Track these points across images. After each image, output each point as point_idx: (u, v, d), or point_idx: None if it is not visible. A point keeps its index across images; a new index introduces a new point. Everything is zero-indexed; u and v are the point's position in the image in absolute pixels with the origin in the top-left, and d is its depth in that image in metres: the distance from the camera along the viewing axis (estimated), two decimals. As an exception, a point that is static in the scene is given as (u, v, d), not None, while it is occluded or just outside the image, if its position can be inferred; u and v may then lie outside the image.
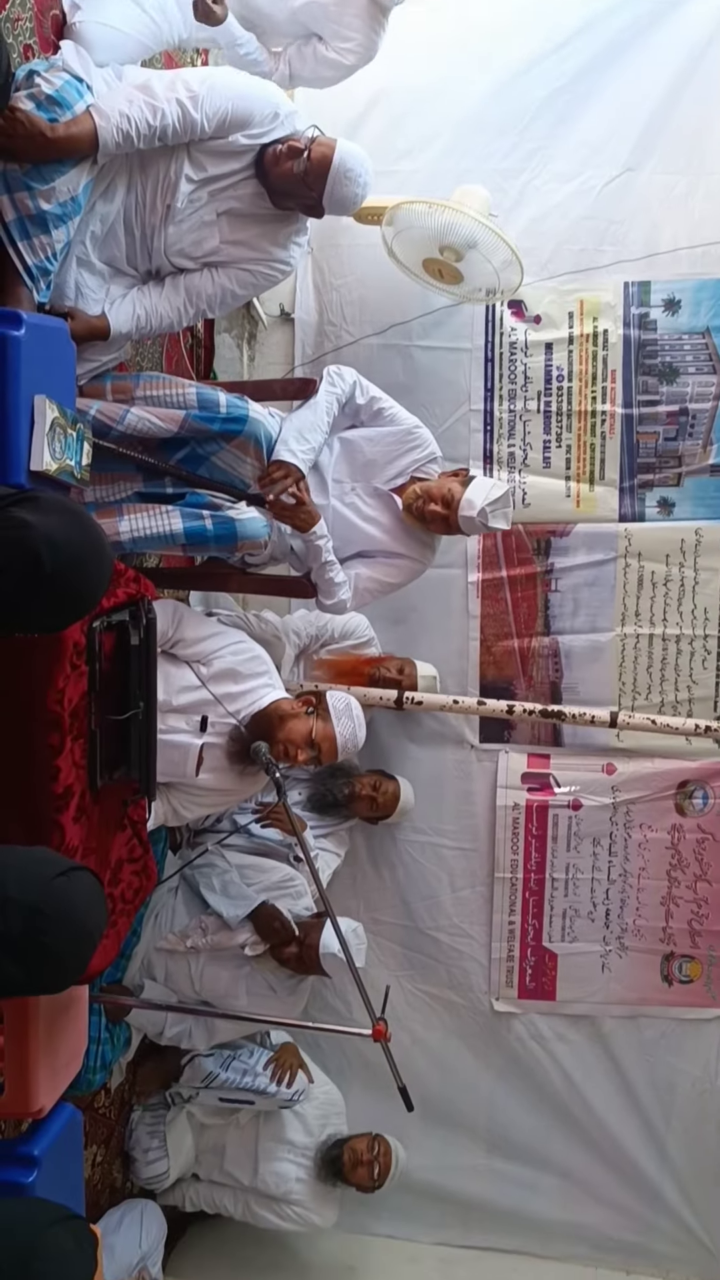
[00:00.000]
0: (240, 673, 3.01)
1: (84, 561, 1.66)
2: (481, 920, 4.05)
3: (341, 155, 2.82)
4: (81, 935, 1.61)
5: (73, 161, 2.51)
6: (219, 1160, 3.69)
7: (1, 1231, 1.60)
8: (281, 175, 2.81)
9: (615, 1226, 4.04)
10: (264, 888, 3.45)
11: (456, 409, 3.92)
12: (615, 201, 3.79)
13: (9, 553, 1.58)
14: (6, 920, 1.52)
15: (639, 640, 3.90)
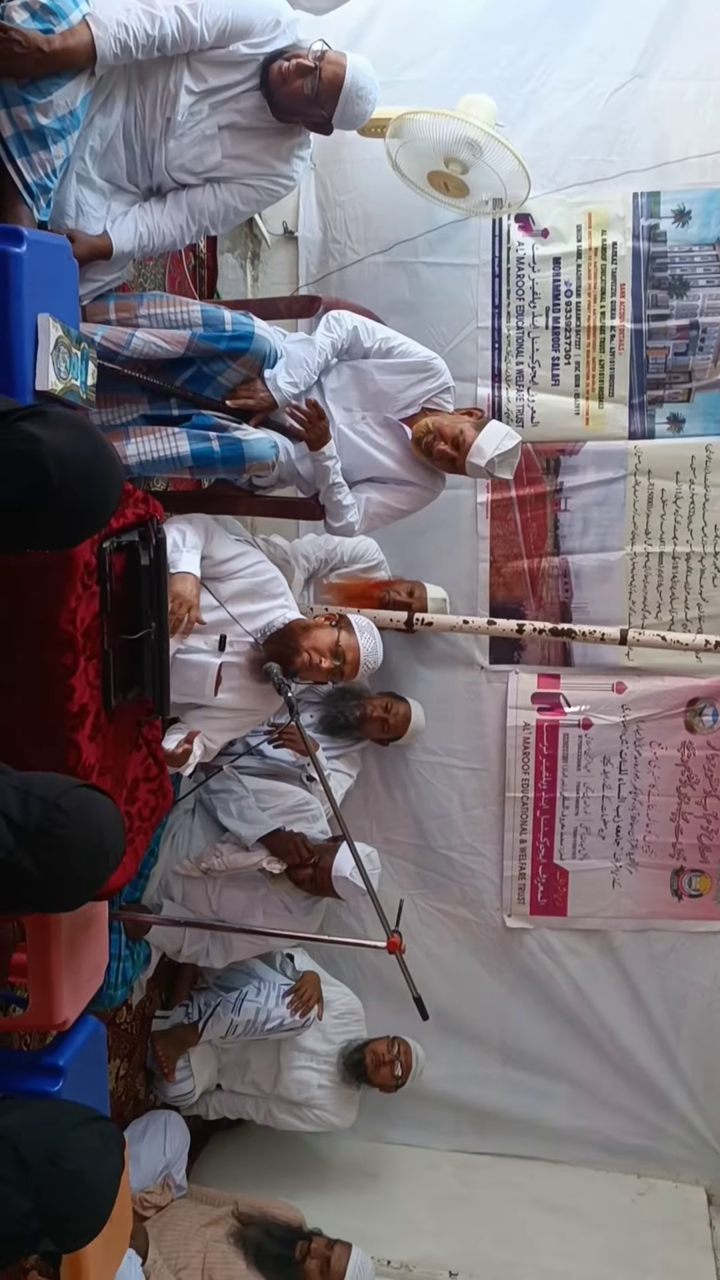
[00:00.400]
0: (259, 593, 3.03)
1: (93, 475, 1.65)
2: (493, 839, 4.10)
3: (353, 73, 2.76)
4: (96, 842, 1.64)
5: (70, 74, 2.46)
6: (241, 1072, 3.79)
7: (31, 1131, 1.65)
8: (291, 94, 2.75)
9: (626, 1132, 4.14)
10: (279, 812, 3.48)
11: (464, 327, 3.86)
12: (623, 109, 3.69)
13: (17, 467, 1.57)
14: (27, 811, 1.55)
15: (649, 559, 3.88)
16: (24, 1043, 2.83)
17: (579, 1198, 4.03)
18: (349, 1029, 3.84)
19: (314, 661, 2.97)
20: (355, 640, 3.06)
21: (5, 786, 1.57)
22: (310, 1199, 3.69)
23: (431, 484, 3.28)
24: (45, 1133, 1.67)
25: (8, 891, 1.57)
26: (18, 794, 1.56)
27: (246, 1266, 3.23)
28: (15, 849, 1.52)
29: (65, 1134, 1.68)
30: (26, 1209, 1.59)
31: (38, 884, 1.55)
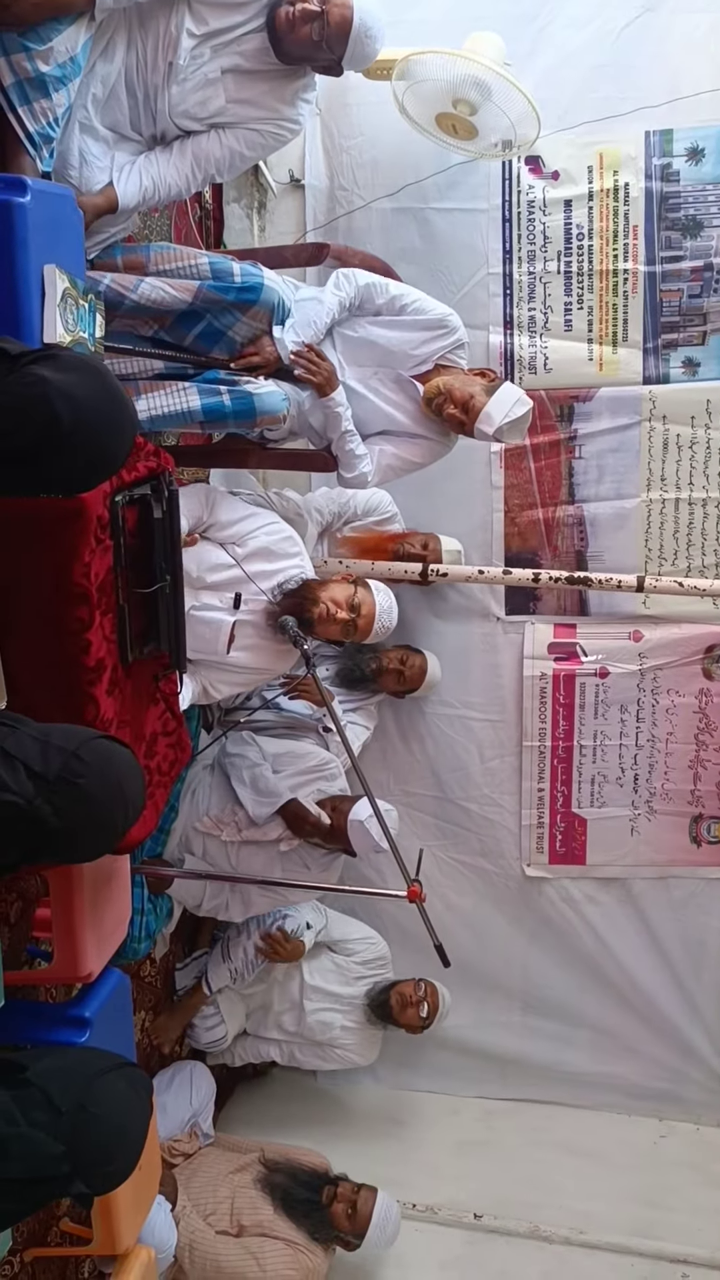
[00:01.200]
0: (274, 552, 3.03)
1: (104, 417, 1.64)
2: (511, 789, 4.11)
3: (361, 15, 2.71)
4: (116, 792, 1.64)
5: (70, 19, 2.42)
6: (265, 1016, 3.84)
7: (60, 1077, 1.67)
8: (298, 41, 2.70)
9: (647, 1076, 4.18)
10: (298, 772, 3.50)
11: (474, 273, 3.81)
12: (634, 45, 3.60)
13: (27, 409, 1.56)
14: (46, 760, 1.55)
15: (665, 505, 3.85)
16: (50, 995, 2.87)
17: (601, 1141, 4.08)
18: (374, 973, 3.87)
19: (330, 613, 2.97)
20: (371, 598, 3.06)
21: (25, 737, 1.57)
22: (336, 1146, 3.74)
23: (444, 437, 3.26)
24: (75, 1078, 1.69)
25: (28, 841, 1.57)
26: (37, 744, 1.57)
27: (274, 1211, 3.30)
28: (35, 798, 1.53)
29: (94, 1079, 1.70)
30: (58, 1152, 1.61)
31: (57, 833, 1.56)
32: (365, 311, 3.15)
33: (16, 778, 1.52)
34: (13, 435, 1.56)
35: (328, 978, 3.82)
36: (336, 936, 3.89)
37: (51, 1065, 1.71)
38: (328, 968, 3.85)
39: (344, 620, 3.00)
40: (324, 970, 3.85)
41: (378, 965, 3.90)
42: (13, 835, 1.55)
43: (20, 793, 1.52)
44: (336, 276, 3.11)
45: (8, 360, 1.59)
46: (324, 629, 3.02)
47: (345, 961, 3.85)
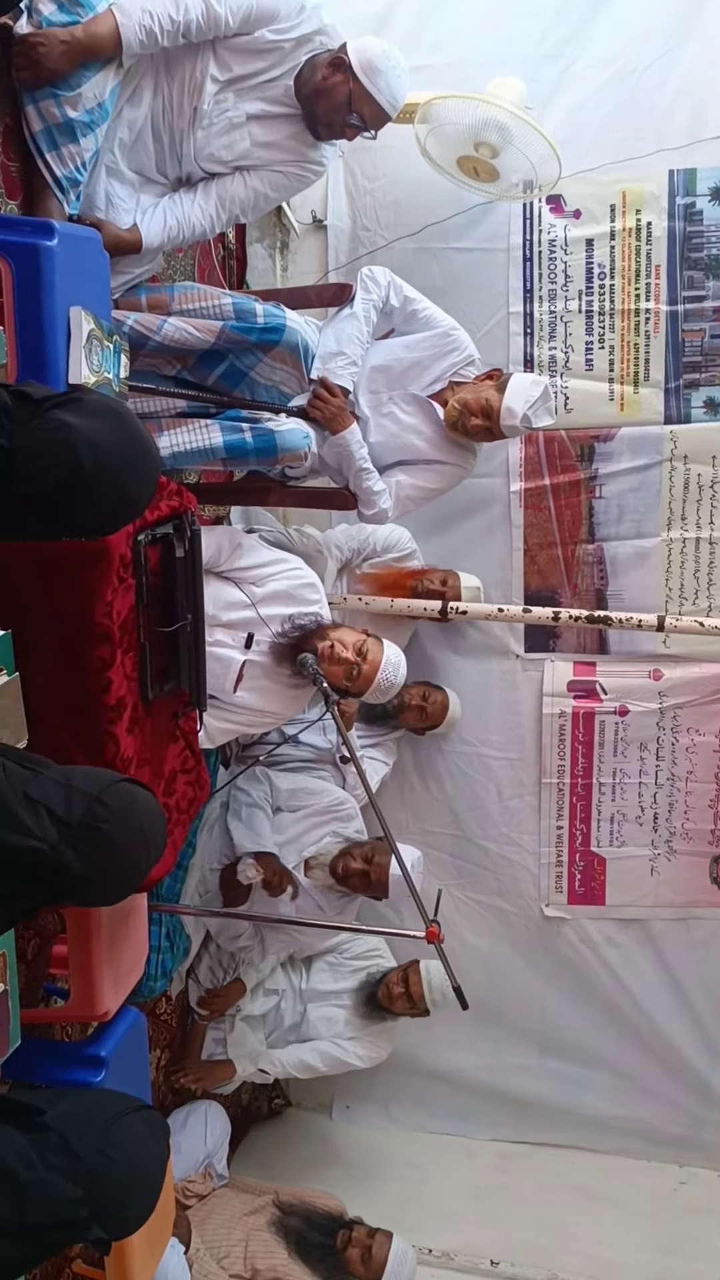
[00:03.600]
0: (293, 596, 3.00)
1: (127, 464, 1.65)
2: (530, 828, 4.08)
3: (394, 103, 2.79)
4: (139, 837, 1.64)
5: (98, 65, 2.47)
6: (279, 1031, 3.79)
7: (78, 1121, 1.66)
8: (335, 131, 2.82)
9: (667, 1121, 4.12)
10: (313, 812, 3.49)
11: (495, 312, 3.83)
12: (657, 85, 3.63)
13: (51, 455, 1.57)
14: (70, 804, 1.55)
15: (685, 544, 3.84)
16: (66, 1033, 2.85)
17: (620, 1186, 4.02)
18: (368, 964, 3.80)
19: (336, 651, 2.93)
20: (380, 650, 2.99)
21: (48, 781, 1.57)
22: (351, 1188, 3.70)
23: (463, 460, 3.27)
24: (93, 1122, 1.68)
25: (50, 885, 1.57)
26: (60, 788, 1.57)
27: (288, 1255, 3.25)
28: (58, 843, 1.52)
29: (112, 1123, 1.69)
30: (77, 1197, 1.60)
31: (80, 878, 1.56)
32: (383, 315, 3.17)
33: (40, 823, 1.52)
34: (37, 480, 1.57)
35: (323, 978, 3.79)
36: (322, 948, 3.84)
37: (69, 1108, 1.69)
38: (322, 969, 3.81)
39: (347, 661, 2.92)
40: (319, 972, 3.81)
41: (370, 955, 3.84)
42: (36, 880, 1.55)
43: (44, 838, 1.52)
44: (362, 278, 3.13)
45: (32, 405, 1.60)
46: (327, 667, 2.93)
47: (337, 959, 3.82)
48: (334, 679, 2.95)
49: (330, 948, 3.82)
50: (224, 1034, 3.70)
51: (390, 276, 3.14)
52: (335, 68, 2.70)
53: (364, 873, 3.36)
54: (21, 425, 1.58)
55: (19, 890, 1.56)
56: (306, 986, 3.78)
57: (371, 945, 3.84)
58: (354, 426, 3.06)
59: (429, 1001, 3.57)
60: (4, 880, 1.53)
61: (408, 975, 3.62)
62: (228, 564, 3.00)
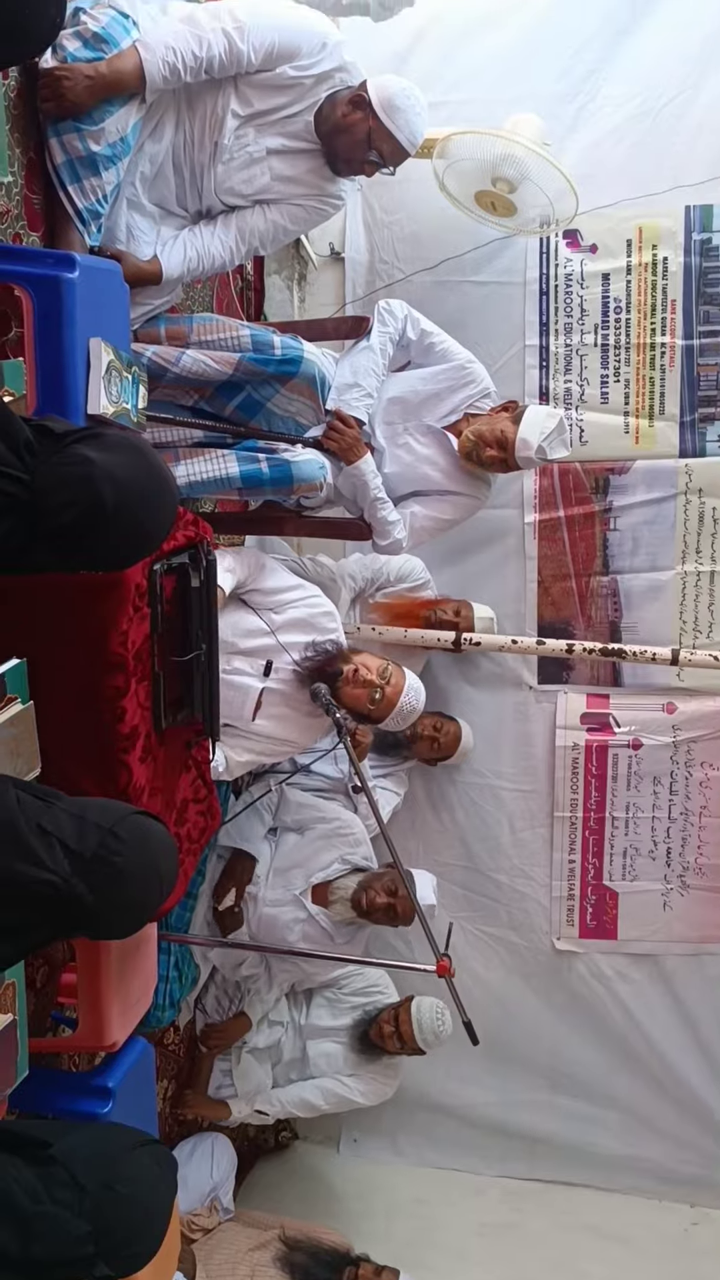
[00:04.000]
0: (311, 625, 3.03)
1: (147, 498, 1.66)
2: (542, 861, 4.06)
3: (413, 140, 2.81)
4: (151, 870, 1.63)
5: (121, 100, 2.49)
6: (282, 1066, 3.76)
7: (86, 1155, 1.64)
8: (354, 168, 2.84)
9: (679, 1161, 4.07)
10: (321, 835, 3.48)
11: (511, 345, 3.85)
12: (674, 123, 3.66)
13: (71, 489, 1.58)
14: (83, 837, 1.55)
15: (700, 578, 3.84)
16: (73, 1063, 2.84)
17: (631, 1226, 3.97)
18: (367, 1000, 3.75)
19: (360, 675, 2.94)
20: (403, 676, 3.01)
21: (61, 812, 1.57)
22: (357, 1223, 3.67)
23: (477, 491, 3.28)
24: (100, 1156, 1.66)
25: (62, 918, 1.56)
26: (73, 820, 1.56)
27: (294, 1292, 3.21)
28: (71, 876, 1.52)
29: (120, 1157, 1.67)
30: (83, 1233, 1.58)
31: (92, 911, 1.55)
32: (400, 348, 3.19)
33: (53, 855, 1.51)
34: (58, 514, 1.58)
35: (321, 1014, 3.75)
36: (321, 982, 3.81)
37: (76, 1142, 1.68)
38: (320, 1004, 3.76)
39: (371, 683, 2.94)
40: (318, 1007, 3.77)
41: (369, 990, 3.78)
42: (47, 913, 1.54)
43: (56, 871, 1.51)
44: (379, 311, 3.16)
45: (53, 439, 1.62)
46: (350, 690, 2.94)
47: (335, 994, 3.77)
48: (357, 703, 2.96)
49: (330, 982, 3.78)
50: (231, 1066, 3.68)
51: (407, 310, 3.16)
52: (355, 105, 2.73)
53: (390, 906, 3.32)
54: (43, 460, 1.59)
55: (31, 923, 1.55)
56: (306, 1022, 3.74)
57: (372, 980, 3.79)
58: (369, 457, 3.08)
59: (420, 1042, 3.52)
60: (16, 912, 1.53)
61: (398, 1015, 3.57)
62: (253, 584, 3.02)
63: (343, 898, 3.38)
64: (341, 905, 3.38)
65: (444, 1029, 3.51)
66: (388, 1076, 3.72)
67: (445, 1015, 3.51)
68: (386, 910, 3.31)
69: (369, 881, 3.36)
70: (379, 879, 3.36)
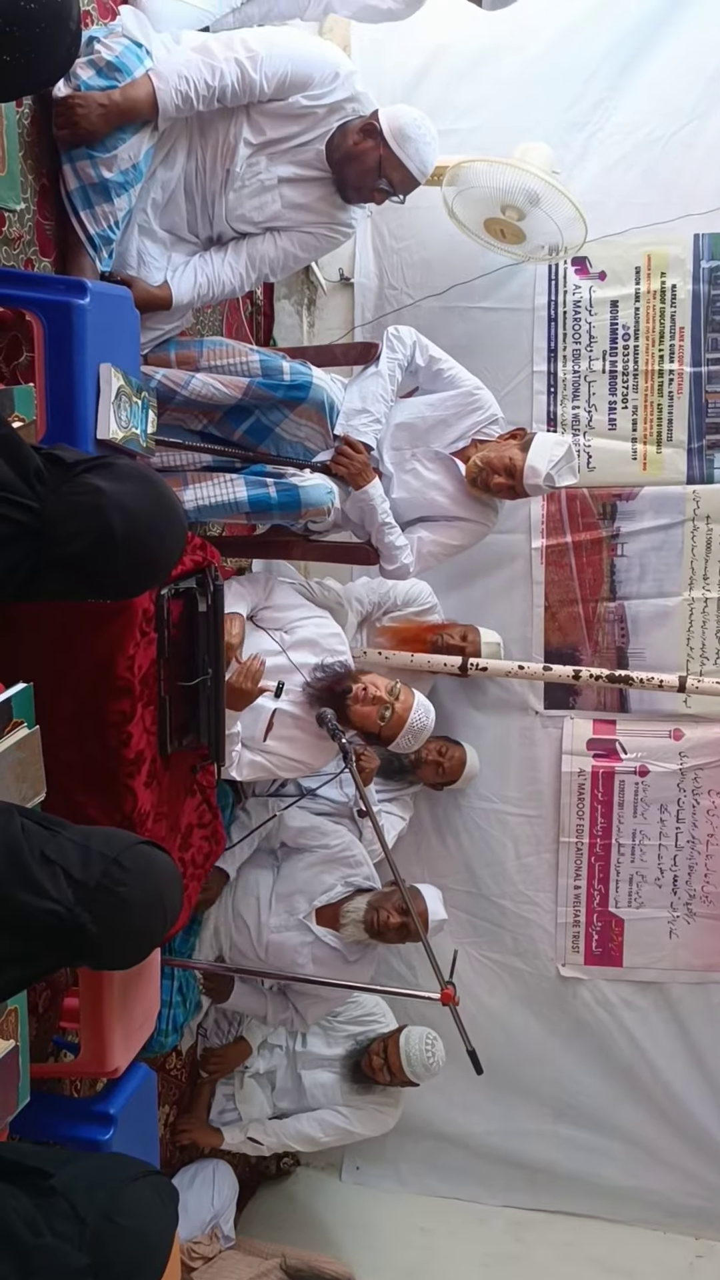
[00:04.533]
0: (321, 645, 3.04)
1: (156, 529, 1.66)
2: (547, 887, 4.04)
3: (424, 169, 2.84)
4: (156, 901, 1.62)
5: (134, 128, 2.51)
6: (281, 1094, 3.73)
7: (86, 1186, 1.63)
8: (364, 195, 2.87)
9: (684, 1193, 4.03)
10: (322, 858, 3.46)
11: (519, 371, 3.86)
12: (683, 151, 3.68)
13: (82, 520, 1.59)
14: (87, 866, 1.54)
15: (708, 604, 3.83)
16: (75, 1089, 2.82)
17: (635, 1258, 3.94)
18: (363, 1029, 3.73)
19: (370, 692, 2.94)
20: (411, 696, 3.02)
21: (65, 841, 1.56)
22: (359, 1252, 3.64)
23: (484, 517, 3.28)
24: (101, 1188, 1.64)
25: (65, 948, 1.55)
26: (78, 849, 1.56)
27: (295, 1322, 3.19)
28: (75, 905, 1.51)
29: (121, 1189, 1.66)
30: (82, 1265, 1.56)
31: (96, 941, 1.54)
32: (408, 374, 3.21)
33: (57, 884, 1.51)
34: (66, 543, 1.58)
35: (315, 1043, 3.72)
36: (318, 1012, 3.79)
37: (77, 1172, 1.66)
38: (315, 1032, 3.73)
39: (381, 700, 2.94)
40: (312, 1036, 3.74)
41: (365, 1020, 3.75)
42: (51, 943, 1.53)
43: (60, 900, 1.50)
44: (388, 337, 3.18)
45: (63, 468, 1.62)
46: (359, 709, 2.94)
47: (329, 1023, 3.74)
48: (366, 721, 2.96)
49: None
50: (234, 1090, 3.66)
51: (416, 336, 3.18)
52: (366, 133, 2.75)
53: (403, 925, 3.27)
54: (53, 488, 1.60)
55: (34, 952, 1.54)
56: (301, 1050, 3.71)
57: (368, 1009, 3.75)
58: (377, 482, 3.09)
59: (409, 1074, 3.49)
60: (19, 942, 1.52)
61: (387, 1046, 3.54)
62: (264, 603, 3.04)
63: (355, 920, 3.36)
64: (354, 927, 3.35)
65: (434, 1061, 3.48)
66: (387, 1107, 3.68)
67: (436, 1047, 3.49)
68: (399, 930, 3.28)
69: (379, 902, 3.34)
70: (388, 899, 3.33)
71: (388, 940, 3.35)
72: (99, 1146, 2.31)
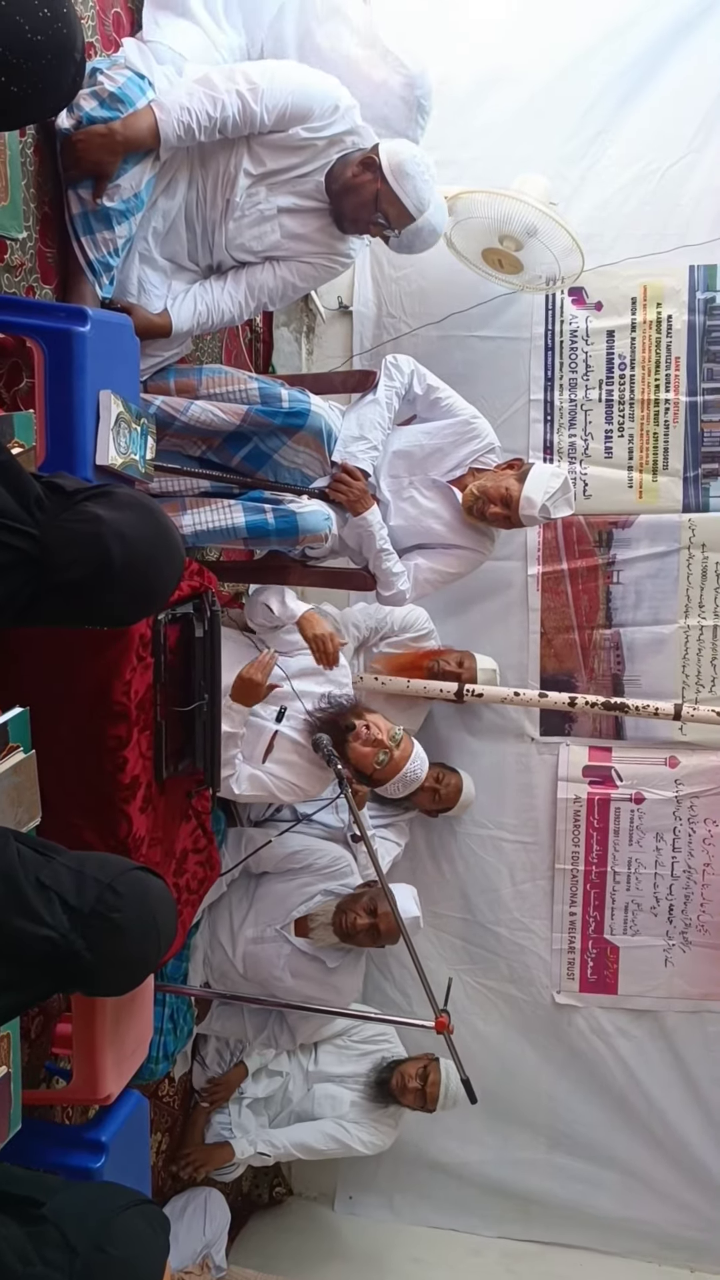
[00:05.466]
0: (325, 675, 3.05)
1: (155, 558, 1.67)
2: (542, 914, 4.03)
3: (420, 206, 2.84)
4: (150, 927, 1.62)
5: (136, 158, 2.53)
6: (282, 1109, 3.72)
7: (77, 1215, 1.62)
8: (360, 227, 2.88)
9: (679, 1224, 4.00)
10: (313, 871, 3.46)
11: (516, 399, 3.89)
12: (679, 184, 3.73)
13: (81, 547, 1.59)
14: (81, 892, 1.54)
15: (703, 632, 3.85)
16: (66, 1115, 2.80)
17: (630, 1291, 3.90)
18: (377, 1048, 3.78)
19: (372, 733, 2.95)
20: (411, 744, 3.04)
21: (60, 867, 1.56)
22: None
23: (481, 545, 3.30)
24: (92, 1216, 1.63)
25: (59, 974, 1.55)
26: (73, 875, 1.56)
27: None
28: (69, 932, 1.51)
29: (112, 1218, 1.65)
30: (72, 1295, 1.56)
31: (90, 968, 1.54)
32: (405, 402, 3.22)
33: (52, 911, 1.50)
34: (65, 570, 1.59)
35: (329, 1060, 3.76)
36: (330, 1033, 3.79)
37: (68, 1201, 1.65)
38: (328, 1050, 3.78)
39: (380, 743, 2.95)
40: (325, 1054, 3.78)
41: (378, 1039, 3.80)
42: (45, 969, 1.53)
43: (55, 927, 1.50)
44: (386, 365, 3.20)
45: (63, 496, 1.63)
46: (358, 748, 2.96)
47: (345, 1041, 3.78)
48: (363, 761, 2.97)
49: (340, 1030, 3.76)
50: (229, 1118, 3.64)
51: (414, 365, 3.20)
52: (366, 166, 2.78)
53: (372, 926, 3.26)
54: (53, 516, 1.60)
55: (28, 978, 1.54)
56: (315, 1069, 3.73)
57: (379, 1029, 3.79)
58: (375, 509, 3.10)
59: (440, 1104, 3.53)
60: (14, 969, 1.51)
61: (428, 1072, 3.57)
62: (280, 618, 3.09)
63: (323, 923, 3.34)
64: (323, 930, 3.33)
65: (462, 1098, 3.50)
66: (389, 1127, 3.70)
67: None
68: (369, 931, 3.25)
69: (346, 904, 3.31)
70: (356, 900, 3.31)
71: (360, 943, 3.32)
72: (90, 1174, 2.29)
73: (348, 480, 3.04)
